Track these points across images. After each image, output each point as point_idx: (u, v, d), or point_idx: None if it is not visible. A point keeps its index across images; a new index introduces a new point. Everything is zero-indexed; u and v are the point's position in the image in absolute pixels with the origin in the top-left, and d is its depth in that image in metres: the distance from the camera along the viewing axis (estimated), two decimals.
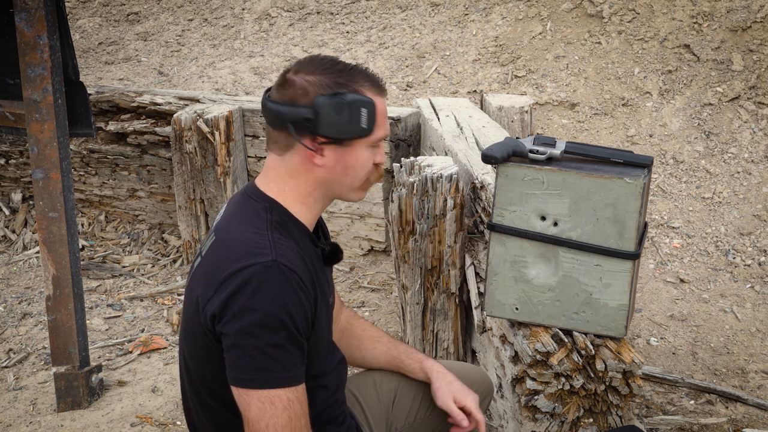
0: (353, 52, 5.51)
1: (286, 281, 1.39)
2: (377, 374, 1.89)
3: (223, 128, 3.94)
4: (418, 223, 2.64)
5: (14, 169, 4.81)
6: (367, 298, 3.71)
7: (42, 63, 2.75)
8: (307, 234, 1.55)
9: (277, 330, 1.38)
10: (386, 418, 1.84)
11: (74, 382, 2.89)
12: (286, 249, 1.44)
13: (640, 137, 4.39)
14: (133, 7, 6.74)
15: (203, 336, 1.46)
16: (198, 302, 1.45)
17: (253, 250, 1.41)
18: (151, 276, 4.14)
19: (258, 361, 1.38)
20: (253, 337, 1.37)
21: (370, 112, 1.47)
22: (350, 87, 1.48)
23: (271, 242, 1.43)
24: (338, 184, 1.53)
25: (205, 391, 1.53)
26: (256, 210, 1.51)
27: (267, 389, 1.39)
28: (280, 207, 1.52)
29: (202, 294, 1.44)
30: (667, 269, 3.73)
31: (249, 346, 1.38)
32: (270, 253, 1.41)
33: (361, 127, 1.47)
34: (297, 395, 1.42)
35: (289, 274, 1.40)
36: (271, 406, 1.39)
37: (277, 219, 1.49)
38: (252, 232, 1.46)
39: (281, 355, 1.39)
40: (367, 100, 1.47)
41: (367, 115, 1.47)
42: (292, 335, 1.40)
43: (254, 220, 1.48)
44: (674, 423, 2.70)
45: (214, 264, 1.45)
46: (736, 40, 4.53)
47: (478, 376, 1.95)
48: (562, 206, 1.80)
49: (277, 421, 1.39)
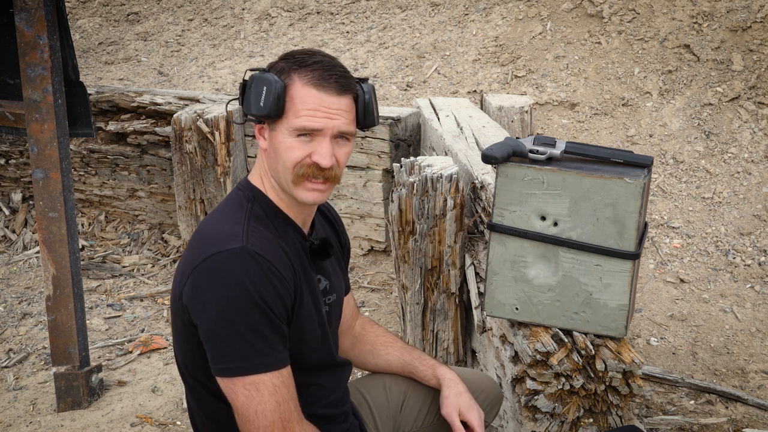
0: (353, 52, 5.50)
1: (256, 266, 1.39)
2: (387, 377, 1.89)
3: (223, 128, 3.94)
4: (418, 223, 2.64)
5: (14, 169, 4.81)
6: (367, 298, 3.71)
7: (42, 63, 2.75)
8: (292, 225, 1.55)
9: (250, 314, 1.37)
10: (394, 420, 1.85)
11: (74, 382, 2.89)
12: (259, 237, 1.44)
13: (640, 137, 4.39)
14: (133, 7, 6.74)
15: (183, 326, 1.47)
16: (176, 293, 1.46)
17: (225, 239, 1.42)
18: (151, 276, 4.15)
19: (236, 348, 1.38)
20: (228, 323, 1.37)
21: (273, 93, 1.43)
22: (284, 71, 1.46)
23: (245, 231, 1.44)
24: (274, 172, 1.51)
25: (195, 381, 1.54)
26: (239, 199, 1.52)
27: (250, 375, 1.38)
28: (263, 197, 1.53)
29: (179, 283, 1.46)
30: (667, 269, 3.73)
31: (225, 334, 1.38)
32: (241, 241, 1.41)
33: (260, 106, 1.44)
34: (282, 380, 1.41)
35: (259, 259, 1.40)
36: (257, 392, 1.39)
37: (258, 209, 1.50)
38: (229, 221, 1.47)
39: (259, 340, 1.39)
40: (271, 79, 1.44)
41: (266, 94, 1.44)
42: (268, 317, 1.39)
43: (235, 210, 1.50)
44: (674, 423, 2.70)
45: (189, 253, 1.46)
46: (736, 40, 4.53)
47: (488, 384, 1.95)
48: (562, 206, 1.80)
49: (265, 407, 1.39)
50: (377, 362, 1.90)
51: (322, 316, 1.59)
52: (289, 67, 1.47)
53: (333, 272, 1.68)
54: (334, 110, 1.46)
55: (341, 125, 1.47)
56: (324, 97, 1.45)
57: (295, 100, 1.45)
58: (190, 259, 1.44)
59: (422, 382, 1.86)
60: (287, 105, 1.46)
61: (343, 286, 1.75)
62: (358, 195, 3.95)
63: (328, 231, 1.72)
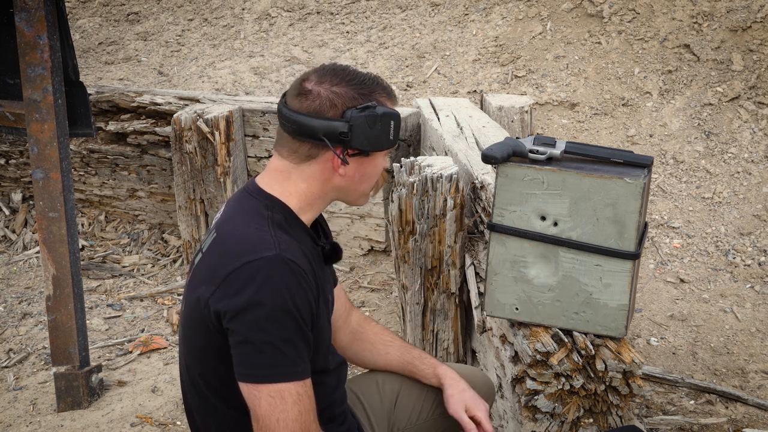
0: (353, 52, 5.50)
1: (291, 274, 1.40)
2: (380, 375, 1.89)
3: (223, 128, 3.94)
4: (418, 223, 2.64)
5: (14, 169, 4.81)
6: (367, 298, 3.71)
7: (42, 63, 2.75)
8: (308, 232, 1.56)
9: (285, 323, 1.38)
10: (388, 418, 1.84)
11: (74, 382, 2.89)
12: (288, 244, 1.44)
13: (640, 137, 4.39)
14: (133, 7, 6.74)
15: (205, 333, 1.46)
16: (200, 299, 1.45)
17: (257, 246, 1.42)
18: (151, 276, 4.15)
19: (268, 356, 1.38)
20: (263, 332, 1.38)
21: (397, 125, 1.51)
22: (373, 98, 1.50)
23: (274, 238, 1.44)
24: (352, 191, 1.56)
25: (208, 389, 1.53)
26: (257, 208, 1.51)
27: (277, 383, 1.39)
28: (281, 205, 1.52)
29: (205, 291, 1.44)
30: (667, 269, 3.73)
31: (259, 341, 1.38)
32: (274, 248, 1.41)
33: (390, 140, 1.51)
34: (306, 389, 1.42)
35: (294, 267, 1.41)
36: (282, 400, 1.39)
37: (278, 217, 1.50)
38: (254, 229, 1.46)
39: (290, 349, 1.40)
40: (395, 113, 1.50)
41: (394, 128, 1.50)
42: (300, 328, 1.41)
43: (256, 217, 1.49)
44: (674, 423, 2.70)
45: (217, 260, 1.45)
46: (736, 40, 4.53)
47: (480, 379, 1.95)
48: (562, 206, 1.80)
49: (288, 416, 1.39)
50: (377, 360, 1.89)
51: (330, 320, 1.60)
52: (371, 91, 1.51)
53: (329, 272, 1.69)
54: None
55: None
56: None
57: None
58: (219, 268, 1.43)
59: (423, 381, 1.86)
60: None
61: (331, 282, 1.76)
62: None
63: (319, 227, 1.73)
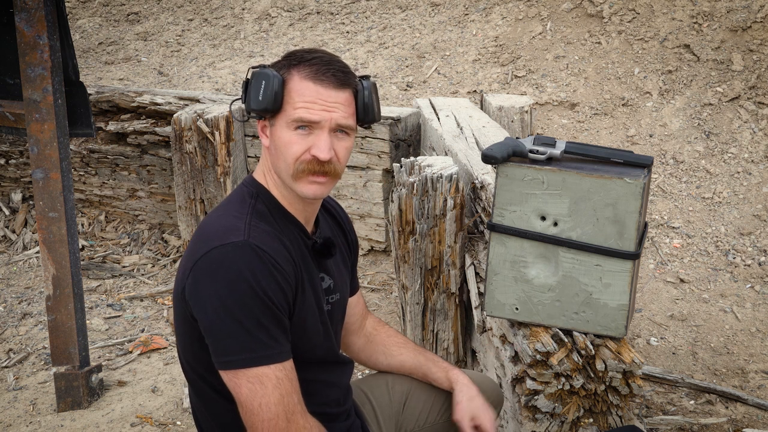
0: (353, 52, 5.51)
1: (257, 259, 1.40)
2: (390, 376, 1.90)
3: (223, 128, 3.94)
4: (418, 223, 2.64)
5: (14, 169, 4.81)
6: (367, 298, 3.71)
7: (42, 63, 2.75)
8: (294, 223, 1.55)
9: (252, 307, 1.38)
10: (396, 419, 1.85)
11: (74, 382, 2.89)
12: (260, 232, 1.45)
13: (640, 137, 4.39)
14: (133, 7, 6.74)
15: (185, 321, 1.47)
16: (178, 288, 1.47)
17: (228, 233, 1.43)
18: (151, 276, 4.15)
19: (239, 341, 1.38)
20: (230, 316, 1.38)
21: (271, 87, 1.45)
22: (283, 67, 1.48)
23: (247, 225, 1.45)
24: (276, 168, 1.52)
25: (199, 379, 1.54)
26: (242, 195, 1.54)
27: (254, 367, 1.39)
28: (266, 193, 1.54)
29: (181, 278, 1.46)
30: (667, 269, 3.73)
31: (227, 327, 1.38)
32: (242, 235, 1.42)
33: (259, 100, 1.46)
34: (286, 373, 1.41)
35: (261, 253, 1.40)
36: (261, 385, 1.39)
37: (260, 205, 1.51)
38: (231, 216, 1.48)
39: (262, 332, 1.39)
40: (269, 73, 1.46)
41: (264, 89, 1.45)
42: (270, 310, 1.40)
43: (237, 205, 1.51)
44: (674, 423, 2.70)
45: (192, 247, 1.47)
46: (736, 40, 4.53)
47: (489, 386, 1.95)
48: (562, 206, 1.80)
49: (269, 400, 1.39)
50: (390, 362, 1.89)
51: (323, 313, 1.59)
52: (289, 63, 1.49)
53: (338, 272, 1.68)
54: (332, 103, 1.47)
55: (339, 118, 1.48)
56: (321, 90, 1.46)
57: (293, 93, 1.46)
58: (192, 254, 1.45)
59: (435, 384, 1.86)
60: (285, 99, 1.47)
61: (348, 286, 1.75)
62: (358, 195, 3.95)
63: (334, 229, 1.72)
